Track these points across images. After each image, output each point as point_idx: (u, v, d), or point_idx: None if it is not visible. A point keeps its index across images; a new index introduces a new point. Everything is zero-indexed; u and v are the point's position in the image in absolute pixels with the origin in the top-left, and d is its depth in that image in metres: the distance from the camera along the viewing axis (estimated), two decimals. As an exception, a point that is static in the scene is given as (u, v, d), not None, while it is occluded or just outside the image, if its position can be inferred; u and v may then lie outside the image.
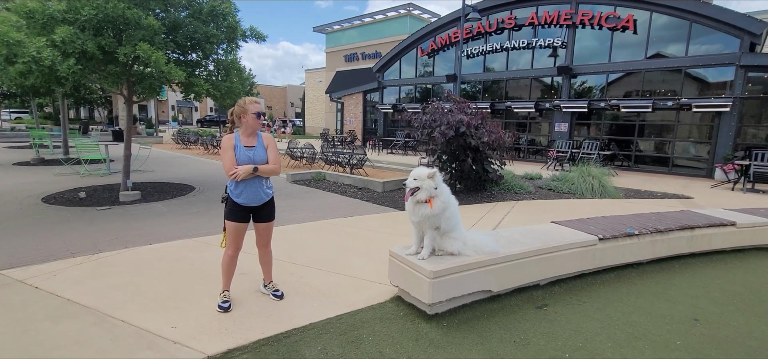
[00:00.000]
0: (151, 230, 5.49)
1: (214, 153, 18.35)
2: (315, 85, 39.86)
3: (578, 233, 4.17)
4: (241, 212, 3.13)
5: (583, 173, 9.30)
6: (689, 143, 14.11)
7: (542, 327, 3.11)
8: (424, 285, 3.04)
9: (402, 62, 22.58)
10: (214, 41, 8.16)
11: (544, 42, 16.64)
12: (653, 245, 4.51)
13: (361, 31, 33.56)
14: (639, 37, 14.50)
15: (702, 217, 5.13)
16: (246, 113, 3.15)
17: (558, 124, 16.33)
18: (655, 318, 3.32)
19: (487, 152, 8.41)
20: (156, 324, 2.92)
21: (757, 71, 12.34)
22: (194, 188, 8.65)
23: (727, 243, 5.03)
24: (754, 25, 12.21)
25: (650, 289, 3.93)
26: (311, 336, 2.85)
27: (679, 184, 11.36)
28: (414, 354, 2.67)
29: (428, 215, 3.12)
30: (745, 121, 12.76)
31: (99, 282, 3.61)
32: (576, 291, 3.81)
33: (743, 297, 3.83)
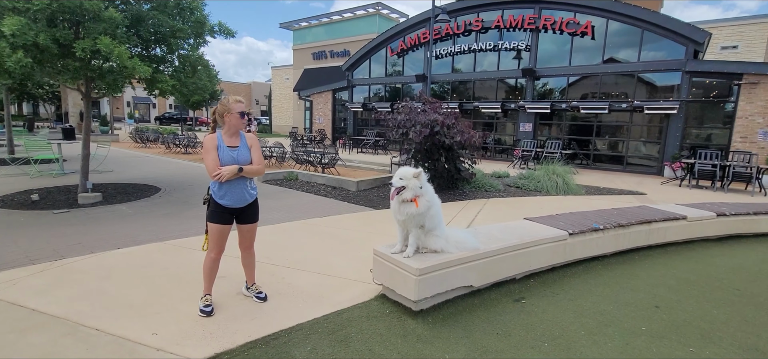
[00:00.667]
0: (118, 233, 5.22)
1: (177, 152, 17.64)
2: (282, 83, 39.10)
3: (550, 228, 4.40)
4: (225, 213, 3.06)
5: (548, 172, 9.74)
6: (641, 142, 15.10)
7: (521, 318, 3.26)
8: (411, 282, 3.11)
9: (371, 61, 22.62)
10: (180, 36, 7.85)
11: (510, 45, 17.22)
12: (616, 239, 4.83)
13: (329, 28, 33.27)
14: (596, 42, 15.33)
15: (658, 212, 5.54)
16: (229, 112, 3.08)
17: (523, 124, 16.97)
18: (621, 306, 3.56)
19: (459, 151, 8.62)
20: (134, 331, 2.80)
21: (700, 76, 13.40)
22: (160, 189, 8.29)
23: (680, 236, 5.46)
24: (698, 34, 13.24)
25: (615, 280, 4.21)
26: (299, 337, 2.84)
27: (634, 181, 12.13)
28: (403, 350, 2.73)
29: (413, 214, 3.19)
30: (689, 123, 13.82)
31: (66, 290, 3.41)
32: (549, 283, 4.02)
33: (695, 284, 4.19)
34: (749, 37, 20.01)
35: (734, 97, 12.75)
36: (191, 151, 18.20)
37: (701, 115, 13.84)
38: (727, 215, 5.79)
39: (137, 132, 21.63)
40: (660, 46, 14.17)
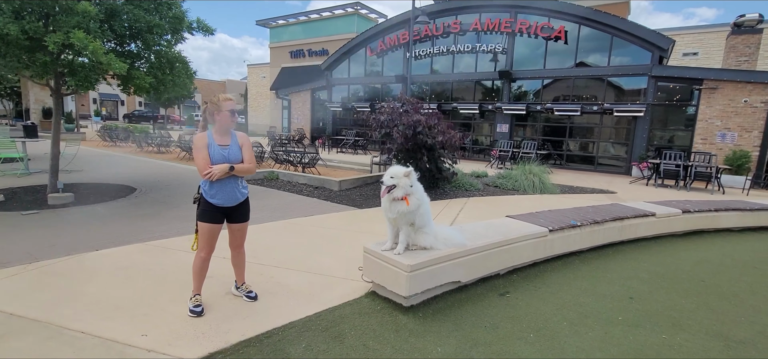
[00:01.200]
0: (94, 235, 5.05)
1: (149, 152, 17.09)
2: (258, 81, 38.44)
3: (531, 225, 4.57)
4: (216, 212, 3.04)
5: (525, 172, 10.04)
6: (611, 143, 15.77)
7: (507, 311, 3.39)
8: (402, 279, 3.18)
9: (351, 61, 22.59)
10: (158, 32, 7.65)
11: (487, 47, 17.60)
12: (592, 235, 5.06)
13: (307, 27, 32.95)
14: (569, 46, 15.89)
15: (629, 209, 5.83)
16: (220, 110, 3.07)
17: (499, 125, 17.38)
18: (598, 298, 3.75)
19: (440, 151, 8.77)
20: (123, 333, 2.75)
21: (664, 81, 14.13)
22: (135, 189, 8.03)
23: (649, 231, 5.78)
24: (663, 41, 13.96)
25: (592, 273, 4.42)
26: (293, 335, 2.86)
27: (604, 180, 12.66)
28: (396, 345, 2.80)
29: (404, 212, 3.26)
30: (655, 125, 14.55)
31: (45, 294, 3.29)
32: (531, 278, 4.18)
33: (665, 276, 4.45)
34: (708, 45, 21.24)
35: (695, 101, 13.51)
36: (164, 150, 17.68)
37: (665, 117, 14.60)
38: (692, 212, 6.16)
39: (106, 130, 20.80)
40: (628, 52, 14.83)
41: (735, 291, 4.08)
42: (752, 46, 14.55)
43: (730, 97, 12.76)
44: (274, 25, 35.38)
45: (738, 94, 12.62)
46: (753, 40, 14.56)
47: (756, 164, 12.19)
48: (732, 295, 3.98)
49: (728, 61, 15.08)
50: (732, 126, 12.71)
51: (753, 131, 12.41)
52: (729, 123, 12.77)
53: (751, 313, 3.58)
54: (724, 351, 2.93)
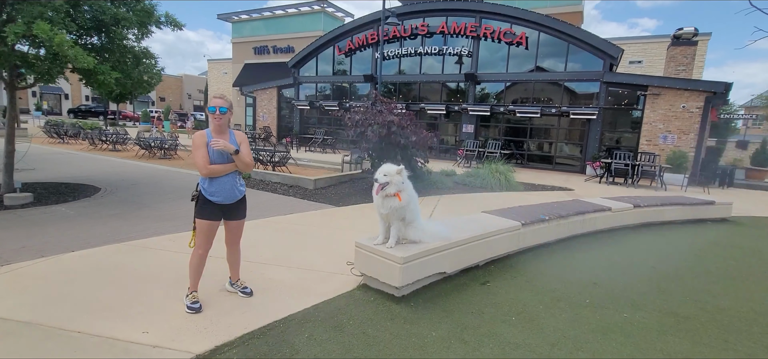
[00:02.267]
0: (64, 236, 4.84)
1: (104, 149, 16.18)
2: (220, 77, 37.19)
3: (506, 220, 4.91)
4: (214, 209, 3.09)
5: (492, 170, 10.56)
6: (567, 144, 16.81)
7: (489, 299, 3.68)
8: (395, 271, 3.37)
9: (318, 59, 22.46)
10: (125, 25, 7.36)
11: (453, 50, 18.17)
12: (558, 228, 5.51)
13: (272, 23, 32.33)
14: (530, 51, 16.76)
15: (589, 205, 6.37)
16: (208, 109, 3.11)
17: (465, 125, 18.01)
18: (567, 285, 4.14)
19: (412, 150, 9.05)
20: (122, 331, 2.75)
21: (615, 87, 15.27)
22: (99, 188, 7.66)
23: (607, 224, 6.34)
24: (613, 50, 15.08)
25: (559, 263, 4.83)
26: (294, 326, 2.98)
27: (562, 178, 13.52)
28: (393, 331, 2.99)
29: (396, 207, 3.46)
30: (606, 127, 15.68)
31: (27, 296, 3.18)
32: (507, 268, 4.52)
33: (622, 264, 4.95)
34: (652, 54, 23.12)
35: (641, 105, 14.72)
36: (121, 148, 16.81)
37: (615, 120, 15.78)
38: (642, 206, 6.82)
39: (52, 126, 19.40)
40: (582, 59, 15.86)
41: (680, 275, 4.62)
42: (689, 56, 16.04)
43: (670, 102, 14.03)
44: (237, 20, 34.40)
45: (677, 100, 13.91)
46: (689, 51, 16.06)
47: (692, 163, 13.50)
48: (677, 278, 4.52)
49: (669, 69, 16.54)
50: (672, 129, 13.99)
51: (690, 134, 13.73)
52: (670, 126, 14.04)
53: (693, 293, 4.10)
54: (675, 325, 3.37)
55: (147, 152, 15.04)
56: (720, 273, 4.77)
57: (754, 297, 4.09)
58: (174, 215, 6.03)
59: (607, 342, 3.00)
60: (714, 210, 7.72)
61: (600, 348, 2.92)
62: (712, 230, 7.05)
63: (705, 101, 13.48)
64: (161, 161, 13.28)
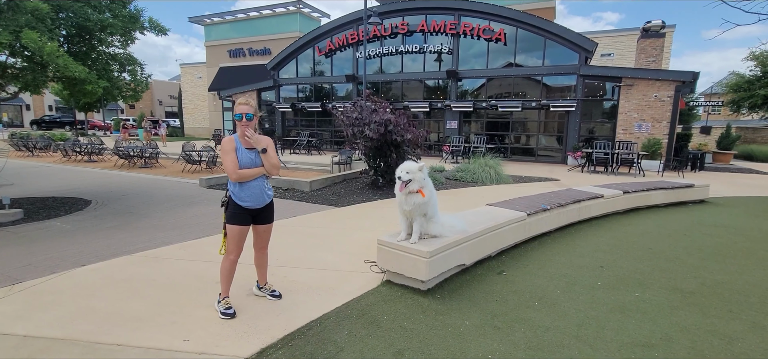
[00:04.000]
0: (68, 251, 4.68)
1: (79, 161, 15.54)
2: (193, 82, 36.21)
3: (512, 211, 5.09)
4: (245, 215, 3.09)
5: (482, 164, 10.82)
6: (548, 136, 17.35)
7: (508, 287, 3.83)
8: (422, 265, 3.47)
9: (298, 61, 22.27)
10: (112, 31, 7.15)
11: (434, 48, 18.40)
12: (559, 216, 5.74)
13: (247, 25, 31.73)
14: (508, 47, 17.18)
15: (584, 193, 6.66)
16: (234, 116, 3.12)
17: (449, 121, 18.29)
18: (577, 269, 4.35)
19: (405, 148, 9.16)
20: (162, 341, 2.73)
21: (590, 79, 15.87)
22: (89, 201, 7.40)
23: (600, 211, 6.64)
24: (588, 44, 15.67)
25: (564, 249, 5.05)
26: (331, 325, 3.03)
27: (545, 169, 13.96)
28: (428, 322, 3.08)
29: (419, 203, 3.55)
30: (584, 118, 16.28)
31: (50, 313, 3.09)
32: (517, 257, 4.69)
33: (620, 247, 5.21)
34: (622, 47, 24.12)
35: (616, 96, 15.37)
36: (97, 158, 16.21)
37: (592, 111, 16.40)
38: (630, 192, 7.17)
39: (19, 139, 18.47)
40: (559, 53, 16.39)
41: (676, 254, 4.93)
42: (658, 48, 16.86)
43: (643, 92, 14.72)
44: (210, 23, 33.59)
45: (649, 90, 14.60)
46: (658, 43, 16.88)
47: (666, 149, 14.21)
48: (674, 257, 4.81)
49: (640, 61, 17.33)
50: (646, 117, 14.68)
51: (662, 122, 14.45)
52: (644, 115, 14.73)
53: (692, 270, 4.39)
54: (682, 300, 3.61)
55: (126, 161, 14.57)
56: (710, 251, 5.10)
57: (745, 270, 4.42)
58: (177, 224, 5.92)
59: (627, 321, 3.19)
60: (693, 193, 8.20)
61: (622, 326, 3.10)
62: (694, 212, 7.49)
63: (675, 90, 14.22)
64: (143, 171, 12.89)
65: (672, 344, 2.86)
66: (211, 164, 13.43)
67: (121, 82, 7.69)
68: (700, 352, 2.76)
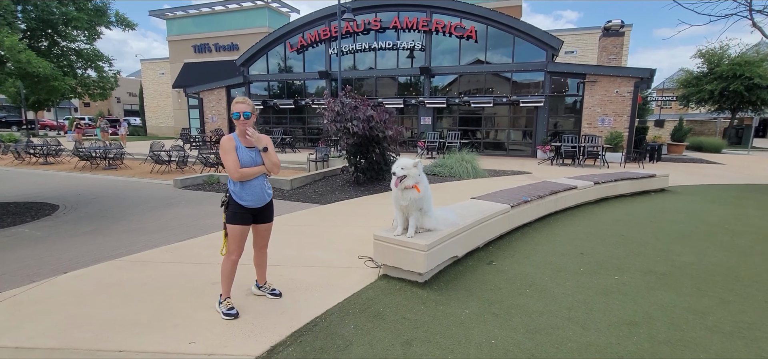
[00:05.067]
0: (44, 258, 4.45)
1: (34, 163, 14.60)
2: (156, 79, 34.66)
3: (496, 203, 5.29)
4: (246, 214, 3.07)
5: (459, 159, 11.08)
6: (518, 131, 17.95)
7: (500, 276, 4.00)
8: (420, 258, 3.57)
9: (269, 57, 21.81)
10: (77, 25, 6.79)
11: (407, 45, 18.56)
12: (538, 208, 6.02)
13: (213, 20, 30.70)
14: (479, 44, 17.61)
15: (559, 185, 7.00)
16: (232, 115, 3.10)
17: (423, 117, 18.54)
18: (560, 257, 4.60)
19: (385, 145, 9.25)
20: (167, 344, 2.68)
21: (557, 76, 16.56)
22: (57, 206, 7.00)
23: (575, 201, 7.01)
24: (554, 41, 16.32)
25: (546, 239, 5.31)
26: (336, 320, 3.07)
27: (517, 163, 14.47)
28: (430, 313, 3.19)
29: (415, 198, 3.65)
30: (551, 113, 16.97)
31: (40, 323, 2.96)
32: (503, 248, 4.90)
33: (596, 234, 5.54)
34: (584, 45, 25.27)
35: (581, 92, 16.13)
36: (54, 160, 15.29)
37: (559, 106, 17.12)
38: (600, 183, 7.60)
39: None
40: (527, 50, 16.95)
41: (646, 240, 5.30)
42: (618, 46, 17.81)
43: (605, 88, 15.52)
44: (172, 17, 32.24)
45: (611, 85, 15.42)
46: (618, 41, 17.83)
47: (627, 142, 15.08)
48: (645, 242, 5.17)
49: (601, 58, 18.23)
50: (608, 112, 15.50)
51: (623, 116, 15.31)
52: (606, 110, 15.54)
53: (662, 254, 4.74)
54: (657, 281, 3.92)
55: (88, 163, 13.83)
56: (676, 235, 5.52)
57: (708, 252, 4.83)
58: (158, 227, 5.73)
59: (611, 303, 3.44)
60: (655, 182, 8.79)
61: (607, 307, 3.34)
62: (657, 200, 8.04)
63: (634, 86, 15.09)
64: (108, 172, 12.29)
65: (653, 321, 3.11)
66: (182, 164, 12.99)
67: (88, 80, 7.31)
68: (678, 327, 3.03)
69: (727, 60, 23.31)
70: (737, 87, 22.28)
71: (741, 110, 24.88)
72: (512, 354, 2.65)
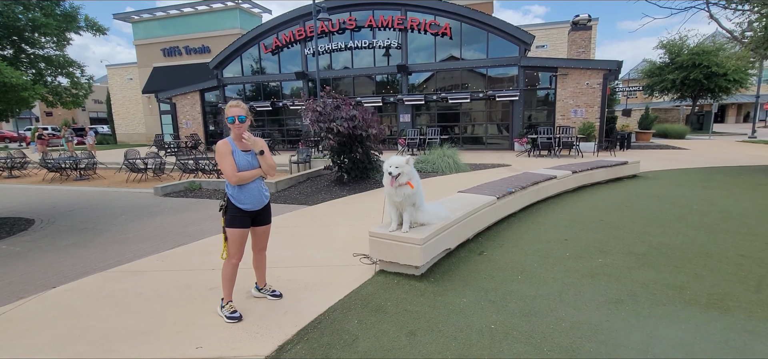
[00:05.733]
0: (29, 274, 4.30)
1: None
2: (123, 84, 33.45)
3: (483, 196, 5.46)
4: (245, 217, 3.09)
5: (441, 155, 11.28)
6: (495, 124, 18.36)
7: (492, 265, 4.16)
8: (416, 252, 3.67)
9: (243, 58, 21.46)
10: (46, 32, 6.54)
11: (383, 43, 18.66)
12: (522, 198, 6.24)
13: (182, 22, 29.84)
14: (454, 41, 17.90)
15: (540, 175, 7.26)
16: (226, 118, 3.11)
17: (402, 115, 18.69)
18: (545, 244, 4.80)
19: (368, 143, 9.32)
20: (175, 350, 2.68)
21: (530, 70, 17.04)
22: (32, 220, 6.73)
23: (555, 190, 7.29)
24: (526, 37, 16.78)
25: (531, 227, 5.52)
26: (339, 316, 3.14)
27: (496, 156, 14.82)
28: (429, 304, 3.30)
29: (409, 194, 3.75)
30: (526, 106, 17.46)
31: (35, 339, 2.89)
32: (492, 238, 5.07)
33: (577, 221, 5.80)
34: (554, 39, 26.06)
35: (553, 85, 16.66)
36: (19, 173, 14.60)
37: (533, 100, 17.63)
38: (578, 172, 7.93)
39: None
40: (501, 45, 17.38)
41: (623, 223, 5.59)
42: (586, 39, 18.49)
43: (576, 81, 16.10)
44: (138, 20, 31.15)
45: (582, 78, 16.01)
46: (586, 35, 18.50)
47: (599, 131, 15.70)
48: (623, 226, 5.46)
49: (571, 52, 18.88)
50: (580, 103, 16.09)
51: (594, 107, 15.93)
52: (578, 101, 16.13)
53: (639, 236, 5.03)
54: (637, 261, 4.16)
55: (58, 174, 13.27)
56: (650, 218, 5.85)
57: (679, 232, 5.15)
58: (145, 237, 5.61)
59: (597, 284, 3.64)
60: (628, 169, 9.23)
61: (594, 288, 3.54)
62: (630, 186, 8.45)
63: (603, 78, 15.72)
64: (80, 183, 11.85)
65: (637, 298, 3.33)
66: (159, 171, 12.65)
67: (59, 88, 7.04)
68: (660, 303, 3.25)
69: (686, 50, 24.57)
70: (697, 76, 23.54)
71: (701, 98, 26.29)
72: (512, 336, 2.79)
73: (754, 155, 14.12)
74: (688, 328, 2.86)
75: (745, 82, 25.28)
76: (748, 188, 7.95)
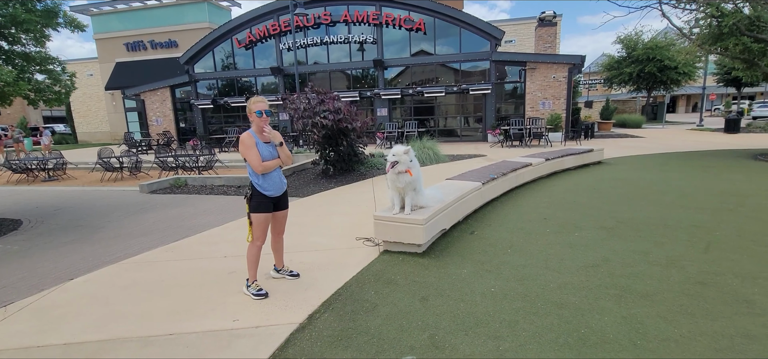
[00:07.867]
0: (39, 269, 4.36)
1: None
2: (84, 80, 31.77)
3: (469, 182, 5.94)
4: (269, 203, 3.37)
5: (421, 147, 11.74)
6: (469, 117, 19.07)
7: (483, 242, 4.63)
8: (419, 231, 4.07)
9: (215, 53, 21.07)
10: (28, 28, 6.43)
11: (359, 38, 18.89)
12: (503, 183, 6.78)
13: (146, 15, 28.72)
14: (428, 36, 18.39)
15: (517, 163, 7.84)
16: (251, 113, 3.37)
17: (379, 109, 19.04)
18: (528, 223, 5.33)
19: (353, 136, 9.63)
20: (214, 324, 2.95)
21: (501, 64, 17.81)
22: (20, 220, 6.61)
23: (531, 176, 7.90)
24: (497, 32, 17.51)
25: (513, 210, 6.05)
26: (356, 289, 3.49)
27: (471, 147, 15.48)
28: (434, 274, 3.71)
29: (409, 181, 4.14)
30: (498, 99, 18.24)
31: (73, 323, 3.07)
32: (479, 219, 5.55)
33: (553, 202, 6.39)
34: (522, 34, 27.14)
35: (523, 78, 17.51)
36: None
37: (504, 93, 18.44)
38: (550, 159, 8.60)
39: None
40: (473, 40, 18.02)
41: (593, 203, 6.23)
42: (552, 35, 19.49)
43: (544, 74, 17.01)
44: (98, 13, 29.67)
45: (549, 72, 16.92)
46: (552, 30, 19.50)
47: (565, 122, 16.69)
48: (593, 206, 6.10)
49: (538, 47, 19.83)
50: (548, 96, 17.02)
51: (560, 99, 16.90)
52: (546, 94, 17.05)
53: (608, 213, 5.65)
54: (608, 234, 4.75)
55: (25, 176, 12.73)
56: (616, 198, 6.53)
57: (642, 209, 5.83)
58: (144, 231, 5.71)
59: (576, 253, 4.18)
60: (593, 156, 10.03)
61: (574, 256, 4.07)
62: (596, 170, 9.23)
63: (568, 71, 16.70)
64: (51, 184, 11.48)
65: (610, 262, 3.88)
66: (135, 170, 12.40)
67: (42, 85, 6.93)
68: (628, 265, 3.81)
69: (641, 45, 26.29)
70: (651, 69, 25.26)
71: (655, 89, 28.21)
72: (510, 297, 3.24)
73: (702, 141, 15.51)
74: (651, 282, 3.41)
75: (693, 75, 27.37)
76: (698, 169, 8.90)
